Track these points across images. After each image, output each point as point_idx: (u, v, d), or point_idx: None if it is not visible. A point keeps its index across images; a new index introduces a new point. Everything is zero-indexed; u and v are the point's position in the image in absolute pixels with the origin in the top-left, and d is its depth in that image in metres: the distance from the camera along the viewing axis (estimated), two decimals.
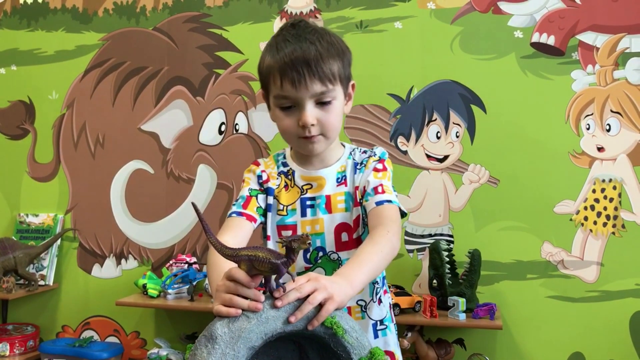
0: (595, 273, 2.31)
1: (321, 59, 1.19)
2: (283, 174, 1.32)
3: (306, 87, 1.18)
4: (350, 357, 1.01)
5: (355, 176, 1.30)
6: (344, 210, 1.28)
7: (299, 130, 1.22)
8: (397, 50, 2.45)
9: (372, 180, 1.27)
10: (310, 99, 1.20)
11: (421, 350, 2.23)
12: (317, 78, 1.18)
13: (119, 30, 2.73)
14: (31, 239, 2.72)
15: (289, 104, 1.21)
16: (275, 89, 1.21)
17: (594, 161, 2.32)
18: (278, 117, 1.24)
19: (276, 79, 1.19)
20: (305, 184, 1.30)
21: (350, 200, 1.28)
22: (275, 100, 1.23)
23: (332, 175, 1.30)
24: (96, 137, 2.74)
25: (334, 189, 1.29)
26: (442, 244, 2.30)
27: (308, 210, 1.28)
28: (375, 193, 1.25)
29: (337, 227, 1.27)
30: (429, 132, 2.44)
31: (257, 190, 1.30)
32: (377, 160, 1.31)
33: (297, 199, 1.29)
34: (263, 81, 1.26)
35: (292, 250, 0.94)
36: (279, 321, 0.96)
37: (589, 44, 2.32)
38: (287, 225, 1.29)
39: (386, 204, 1.24)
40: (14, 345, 2.54)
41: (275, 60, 1.19)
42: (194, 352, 0.94)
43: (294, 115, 1.22)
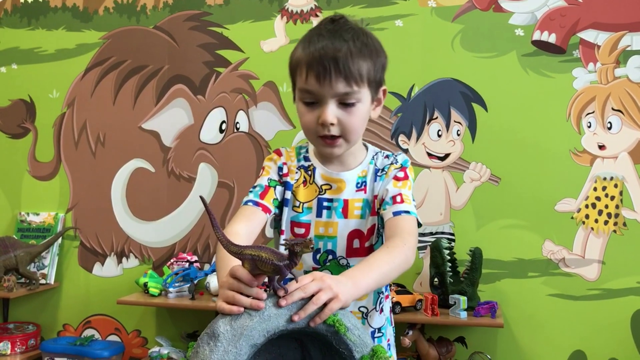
0: (596, 271, 2.31)
1: (350, 57, 1.15)
2: (303, 169, 1.30)
3: (330, 84, 1.15)
4: (353, 354, 1.01)
5: (375, 184, 1.28)
6: (360, 217, 1.26)
7: (318, 128, 1.19)
8: (398, 49, 2.45)
9: (391, 189, 1.24)
10: (333, 98, 1.17)
11: (422, 348, 2.22)
12: (343, 77, 1.15)
13: (119, 28, 2.72)
14: (32, 237, 2.72)
15: (312, 100, 1.19)
16: (301, 81, 1.19)
17: (595, 159, 2.32)
18: (300, 111, 1.22)
19: (302, 71, 1.18)
20: (325, 184, 1.28)
21: (367, 207, 1.27)
22: (299, 94, 1.21)
23: (352, 179, 1.27)
24: (97, 135, 2.74)
25: (353, 194, 1.27)
26: (443, 242, 2.30)
27: (324, 212, 1.26)
28: (394, 202, 1.23)
29: (350, 233, 1.26)
30: (430, 131, 2.44)
31: (276, 181, 1.28)
32: (399, 168, 1.28)
33: (314, 198, 1.27)
34: (292, 73, 1.24)
35: (295, 253, 0.94)
36: (281, 319, 0.96)
37: (590, 41, 2.32)
38: (301, 222, 1.27)
39: (404, 215, 1.21)
40: (15, 344, 2.54)
41: (306, 53, 1.18)
42: (196, 349, 0.94)
43: (316, 111, 1.19)
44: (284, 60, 2.66)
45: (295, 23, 2.54)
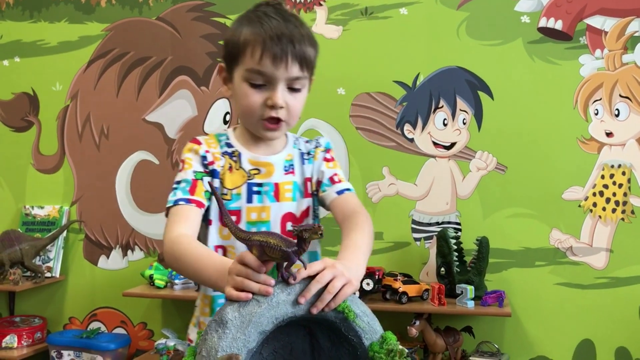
0: (604, 259, 2.30)
1: (304, 41, 1.16)
2: (227, 155, 1.25)
3: (286, 67, 1.14)
4: (362, 341, 1.00)
5: (304, 167, 1.29)
6: (291, 199, 1.25)
7: (264, 110, 1.18)
8: (402, 37, 2.43)
9: (326, 171, 1.29)
10: (285, 81, 1.17)
11: (429, 338, 2.21)
12: (298, 60, 1.15)
13: (122, 20, 2.71)
14: (37, 231, 2.71)
15: (262, 82, 1.16)
16: (252, 62, 1.15)
17: (602, 147, 2.30)
18: (244, 93, 1.17)
19: (256, 51, 1.14)
20: (253, 169, 1.24)
21: (298, 190, 1.27)
22: (246, 74, 1.16)
23: (280, 162, 1.26)
24: (101, 128, 2.73)
25: (282, 177, 1.26)
26: (449, 231, 2.29)
27: (254, 197, 1.23)
28: (333, 183, 1.27)
29: (284, 216, 1.24)
30: (435, 119, 2.42)
31: (202, 172, 1.22)
32: (324, 150, 1.32)
33: (242, 184, 1.23)
34: (233, 54, 1.18)
35: (303, 240, 0.93)
36: (290, 305, 0.95)
37: (597, 28, 2.29)
38: (230, 210, 1.21)
39: (347, 193, 1.27)
40: (21, 337, 2.54)
41: (259, 32, 1.14)
42: (204, 337, 0.93)
43: (263, 93, 1.17)
44: None
45: (299, 12, 2.52)
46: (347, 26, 2.48)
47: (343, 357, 1.04)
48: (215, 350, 0.90)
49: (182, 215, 1.17)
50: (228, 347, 0.90)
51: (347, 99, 2.48)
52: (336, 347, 1.04)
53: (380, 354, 0.98)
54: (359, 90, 2.47)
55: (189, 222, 1.16)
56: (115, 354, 2.50)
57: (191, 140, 1.26)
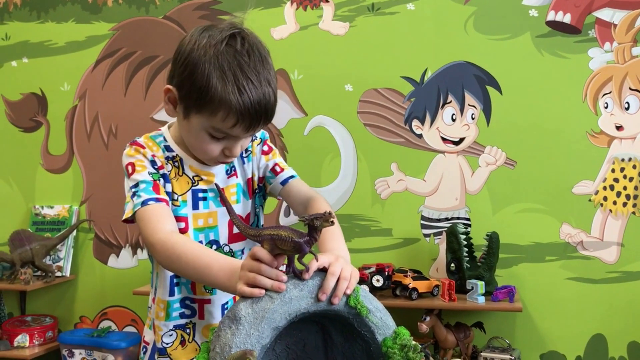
0: (615, 254, 2.28)
1: (275, 104, 1.12)
2: (170, 160, 1.19)
3: (253, 131, 1.13)
4: (375, 337, 0.99)
5: (244, 166, 1.25)
6: (236, 202, 1.23)
7: (220, 156, 1.15)
8: (410, 32, 2.42)
9: (267, 164, 1.27)
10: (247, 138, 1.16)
11: (440, 334, 2.21)
12: (265, 125, 1.14)
13: (129, 19, 2.71)
14: (47, 230, 2.73)
15: (222, 136, 1.12)
16: (221, 124, 1.08)
17: (612, 140, 2.28)
18: (202, 139, 1.12)
19: (229, 119, 1.07)
20: (195, 175, 1.20)
21: (242, 192, 1.24)
22: (210, 129, 1.10)
23: (220, 168, 1.22)
24: (109, 127, 2.74)
25: (226, 181, 1.22)
26: (459, 227, 2.28)
27: (200, 203, 1.19)
28: (275, 174, 1.26)
29: (230, 219, 1.20)
30: (444, 115, 2.41)
31: (157, 174, 1.16)
32: (260, 142, 1.28)
33: (188, 190, 1.19)
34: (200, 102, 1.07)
35: (315, 228, 0.93)
36: (303, 301, 0.95)
37: (607, 20, 2.27)
38: (179, 216, 1.17)
39: (292, 180, 1.26)
40: (33, 336, 2.55)
41: (236, 103, 1.05)
42: (217, 333, 0.93)
43: (222, 143, 1.13)
44: (294, 47, 2.65)
45: (305, 9, 2.52)
46: (354, 22, 2.48)
47: (356, 352, 1.04)
48: (229, 346, 0.90)
49: (159, 214, 1.10)
50: (242, 343, 0.90)
51: (354, 96, 2.47)
52: (349, 342, 1.04)
53: (393, 349, 0.98)
54: (367, 86, 2.46)
55: (170, 219, 1.11)
56: (127, 352, 2.50)
57: (132, 143, 1.19)
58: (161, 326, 1.22)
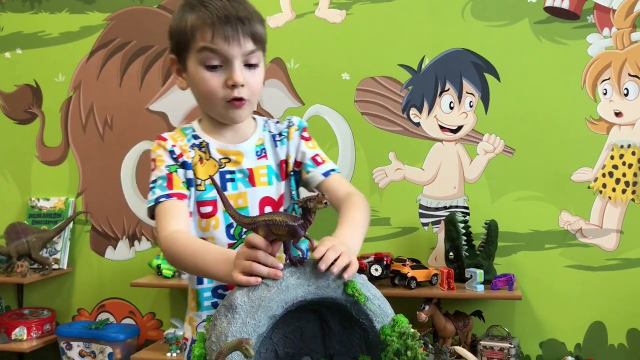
0: (614, 241, 2.27)
1: (252, 18, 1.14)
2: (196, 147, 1.21)
3: (239, 43, 1.12)
4: (373, 325, 0.98)
5: (277, 149, 1.25)
6: (267, 184, 1.22)
7: (226, 91, 1.14)
8: (407, 20, 2.40)
9: (307, 151, 1.25)
10: (240, 58, 1.14)
11: (439, 323, 2.20)
12: (250, 36, 1.13)
13: (123, 9, 2.68)
14: (43, 223, 2.71)
15: (217, 62, 1.13)
16: (203, 42, 1.13)
17: (611, 127, 2.27)
18: (202, 77, 1.14)
19: (206, 34, 1.12)
20: (223, 158, 1.21)
21: (273, 173, 1.23)
22: (200, 56, 1.13)
23: (250, 149, 1.23)
24: (104, 118, 2.72)
25: (255, 162, 1.22)
26: (457, 215, 2.27)
27: (229, 185, 1.20)
28: (317, 164, 1.24)
29: (261, 200, 1.21)
30: (441, 103, 2.39)
31: (175, 165, 1.19)
32: (299, 129, 1.28)
33: (215, 173, 1.20)
34: (182, 42, 1.16)
35: (309, 210, 0.92)
36: (300, 289, 0.94)
37: (605, 6, 2.25)
38: (205, 200, 1.19)
39: (334, 174, 1.24)
40: (30, 329, 2.54)
41: (205, 15, 1.12)
42: (213, 322, 0.92)
43: (222, 75, 1.14)
44: (291, 36, 2.62)
45: None
46: (351, 10, 2.45)
47: (354, 340, 1.02)
48: (225, 335, 0.89)
49: (168, 211, 1.14)
50: (238, 332, 0.89)
51: (351, 84, 2.45)
52: (347, 331, 1.03)
53: (392, 337, 0.97)
54: (364, 74, 2.44)
55: (177, 216, 1.14)
56: (125, 344, 2.50)
57: (157, 138, 1.23)
58: (194, 317, 1.23)
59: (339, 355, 1.04)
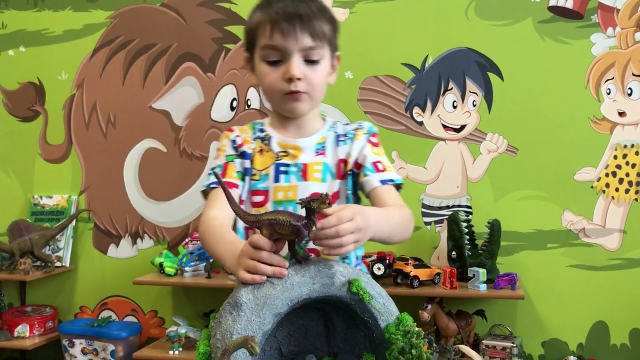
0: (617, 241, 2.27)
1: (313, 16, 1.18)
2: (259, 139, 1.28)
3: (295, 38, 1.16)
4: (378, 323, 0.98)
5: (338, 148, 1.27)
6: (320, 180, 1.23)
7: (284, 85, 1.18)
8: (410, 19, 2.40)
9: (369, 155, 1.25)
10: (299, 53, 1.17)
11: (441, 322, 2.20)
12: (308, 32, 1.16)
13: (126, 7, 2.68)
14: (46, 220, 2.71)
15: (277, 57, 1.18)
16: (264, 39, 1.18)
17: (615, 126, 2.27)
18: (263, 72, 1.20)
19: (266, 30, 1.17)
20: (281, 151, 1.25)
21: (329, 171, 1.24)
22: (262, 53, 1.19)
23: (310, 145, 1.26)
24: (107, 116, 2.72)
25: (312, 158, 1.25)
26: (460, 215, 2.27)
27: (281, 177, 1.23)
28: (377, 170, 1.24)
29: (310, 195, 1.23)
30: (445, 102, 2.39)
31: (233, 155, 1.27)
32: (368, 134, 1.29)
33: (271, 165, 1.25)
34: (250, 40, 1.23)
35: (312, 210, 0.92)
36: (304, 287, 0.94)
37: (609, 5, 2.25)
38: (258, 190, 1.24)
39: (390, 185, 1.23)
40: (33, 326, 2.54)
41: (267, 14, 1.18)
42: (218, 320, 0.92)
43: (280, 69, 1.18)
44: None
45: None
46: (354, 8, 2.45)
47: (358, 339, 1.02)
48: (230, 333, 0.89)
49: (215, 198, 1.21)
50: (243, 330, 0.89)
51: (354, 83, 2.45)
52: (351, 329, 1.03)
53: (396, 335, 0.97)
54: (367, 73, 2.44)
55: (220, 204, 1.18)
56: (127, 342, 2.50)
57: (227, 129, 1.33)
58: None
59: (343, 353, 1.04)
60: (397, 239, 1.16)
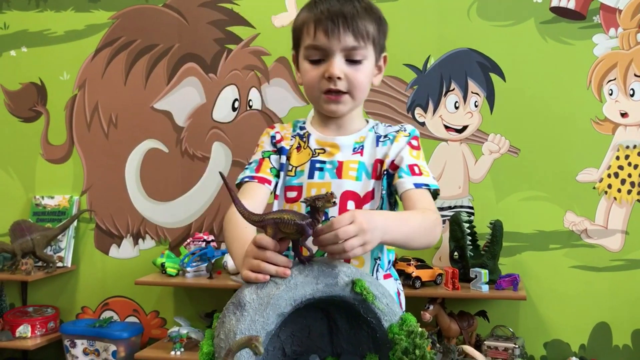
0: (619, 242, 2.27)
1: (358, 15, 1.17)
2: (298, 136, 1.29)
3: (338, 37, 1.16)
4: (381, 323, 0.98)
5: (377, 149, 1.25)
6: (355, 178, 1.22)
7: (324, 83, 1.19)
8: (412, 19, 2.40)
9: (407, 157, 1.23)
10: (341, 52, 1.17)
11: (443, 323, 2.20)
12: (351, 31, 1.16)
13: (128, 8, 2.68)
14: (47, 221, 2.71)
15: (319, 57, 1.18)
16: (308, 39, 1.19)
17: (617, 127, 2.26)
18: (304, 70, 1.21)
19: (310, 29, 1.18)
20: (319, 148, 1.26)
21: (364, 170, 1.23)
22: (305, 52, 1.20)
23: (348, 144, 1.25)
24: (109, 117, 2.72)
25: (348, 157, 1.24)
26: (462, 215, 2.27)
27: (316, 173, 1.24)
28: (412, 173, 1.21)
29: (344, 193, 1.21)
30: (447, 103, 2.39)
31: (270, 151, 1.28)
32: (410, 136, 1.27)
33: (307, 161, 1.25)
34: (296, 39, 1.24)
35: (317, 209, 0.91)
36: (308, 287, 0.94)
37: (611, 6, 2.25)
38: (293, 186, 1.25)
39: (425, 189, 1.20)
40: (35, 326, 2.54)
41: (313, 13, 1.19)
42: (222, 320, 0.92)
43: (322, 67, 1.18)
44: None
45: None
46: None
47: (362, 339, 1.02)
48: (233, 333, 0.89)
49: (245, 193, 1.23)
50: (247, 330, 0.89)
51: None
52: (355, 329, 1.03)
53: (400, 335, 0.96)
54: None
55: (249, 198, 1.21)
56: (128, 342, 2.50)
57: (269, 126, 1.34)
58: None
59: (347, 353, 1.03)
60: (417, 243, 1.14)
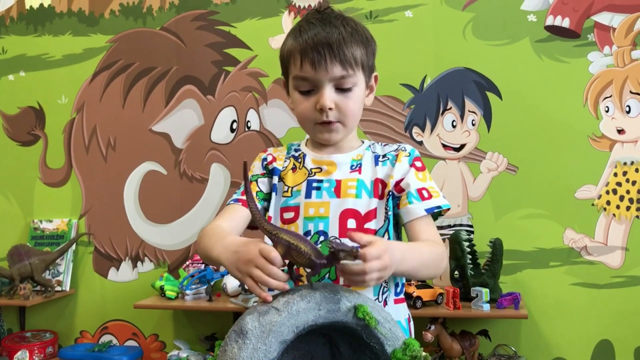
0: (620, 258, 2.27)
1: (344, 42, 1.16)
2: (293, 157, 1.29)
3: (326, 69, 1.15)
4: (384, 348, 0.98)
5: (377, 168, 1.25)
6: (355, 196, 1.21)
7: (316, 114, 1.19)
8: (408, 40, 2.42)
9: (413, 181, 1.22)
10: (330, 83, 1.17)
11: (445, 342, 2.19)
12: (338, 61, 1.15)
13: (126, 31, 2.70)
14: (46, 245, 2.70)
15: (308, 88, 1.18)
16: (295, 70, 1.18)
17: (614, 144, 2.27)
18: (296, 101, 1.21)
19: (296, 60, 1.17)
20: (315, 167, 1.26)
21: (364, 188, 1.22)
22: (294, 83, 1.20)
23: (346, 161, 1.25)
24: (107, 140, 2.72)
25: (346, 175, 1.24)
26: (462, 234, 2.26)
27: (313, 192, 1.22)
28: (422, 198, 1.21)
29: (343, 212, 1.20)
30: (444, 122, 2.40)
31: (259, 174, 1.28)
32: (412, 157, 1.26)
33: (303, 180, 1.24)
34: (284, 66, 1.24)
35: (336, 258, 0.92)
36: (310, 314, 0.93)
37: (605, 24, 2.27)
38: (289, 207, 1.23)
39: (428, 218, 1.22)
40: (33, 352, 2.52)
41: (298, 42, 1.17)
42: (224, 348, 0.91)
43: (312, 98, 1.18)
44: None
45: None
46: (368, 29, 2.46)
47: None
48: None
49: (226, 212, 1.24)
50: (249, 358, 0.89)
51: None
52: (358, 354, 1.02)
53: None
54: None
55: (229, 217, 1.22)
56: None
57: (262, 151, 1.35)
58: None
59: None
60: (424, 274, 1.17)
